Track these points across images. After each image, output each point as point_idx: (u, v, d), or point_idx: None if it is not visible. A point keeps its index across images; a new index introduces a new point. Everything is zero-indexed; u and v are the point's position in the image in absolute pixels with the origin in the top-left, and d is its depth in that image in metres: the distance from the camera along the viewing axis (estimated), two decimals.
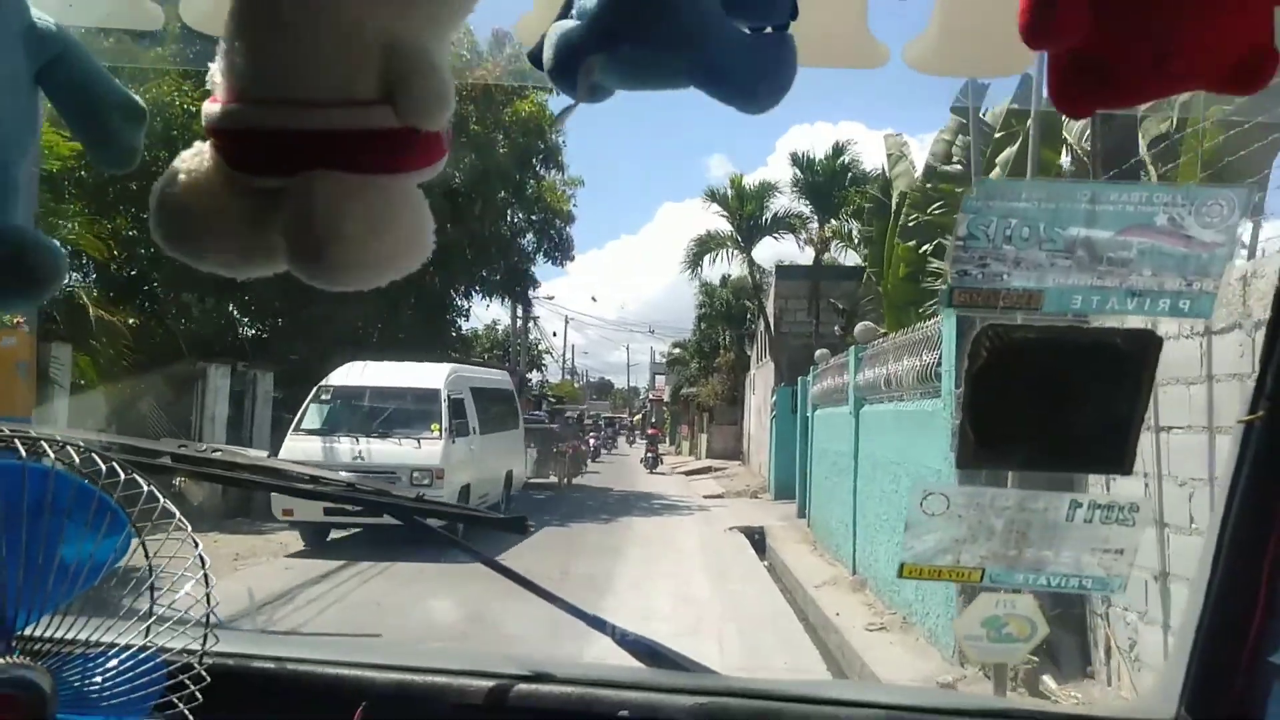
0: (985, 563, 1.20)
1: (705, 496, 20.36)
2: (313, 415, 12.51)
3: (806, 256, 25.03)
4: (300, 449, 11.11)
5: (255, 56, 0.85)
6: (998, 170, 10.18)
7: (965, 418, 1.15)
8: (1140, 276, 1.09)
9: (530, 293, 26.78)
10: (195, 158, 0.89)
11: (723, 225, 25.95)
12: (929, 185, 12.36)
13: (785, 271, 25.33)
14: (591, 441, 32.86)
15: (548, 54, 0.90)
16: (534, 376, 49.36)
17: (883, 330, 10.71)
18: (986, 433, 1.14)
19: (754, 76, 0.86)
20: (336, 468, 7.21)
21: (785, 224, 24.83)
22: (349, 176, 0.84)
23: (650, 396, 66.14)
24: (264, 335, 18.34)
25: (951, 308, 1.11)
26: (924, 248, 11.83)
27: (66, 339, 10.63)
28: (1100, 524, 1.18)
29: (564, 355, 62.80)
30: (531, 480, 19.76)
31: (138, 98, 1.07)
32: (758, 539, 13.07)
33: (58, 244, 1.02)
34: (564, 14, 0.92)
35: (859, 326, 11.27)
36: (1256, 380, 1.00)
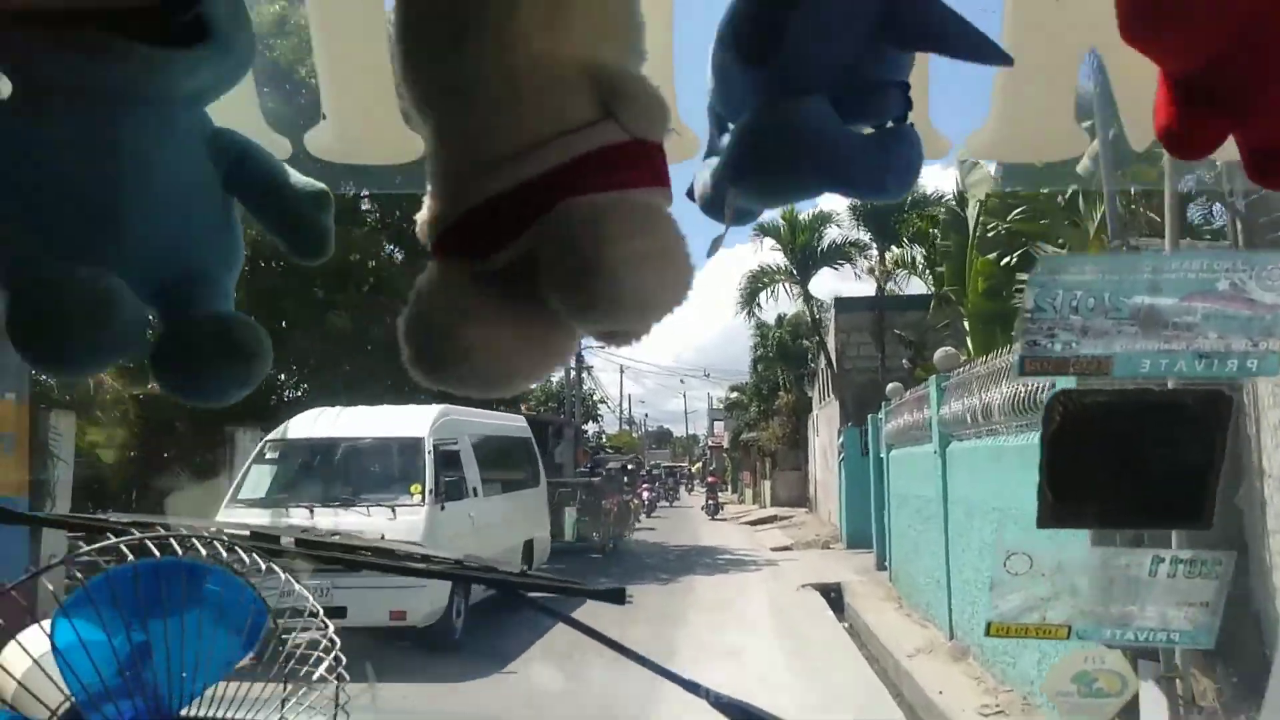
0: (1072, 619, 1.23)
1: (773, 549, 18.86)
2: (256, 479, 9.69)
3: (866, 288, 23.51)
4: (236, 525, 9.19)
5: (456, 141, 0.84)
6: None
7: (1043, 479, 1.19)
8: (1207, 339, 1.13)
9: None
10: (429, 271, 0.88)
11: (777, 258, 24.66)
12: (1009, 191, 11.01)
13: (845, 304, 23.67)
14: (645, 494, 30.28)
15: (697, 191, 0.99)
16: (589, 427, 47.05)
17: (964, 357, 9.92)
18: (1065, 493, 1.19)
19: (880, 173, 0.91)
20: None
21: (843, 253, 23.44)
22: (598, 196, 0.80)
23: (709, 443, 63.81)
24: (302, 395, 16.35)
25: (1023, 375, 1.16)
26: (1006, 259, 10.87)
27: (68, 407, 9.69)
28: (1184, 578, 1.21)
29: (620, 404, 60.82)
30: (577, 541, 17.96)
31: (322, 185, 1.09)
32: (834, 597, 11.85)
33: (258, 324, 1.04)
34: (709, 151, 1.00)
35: (939, 353, 10.25)
36: None
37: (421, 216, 0.91)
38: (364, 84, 1.22)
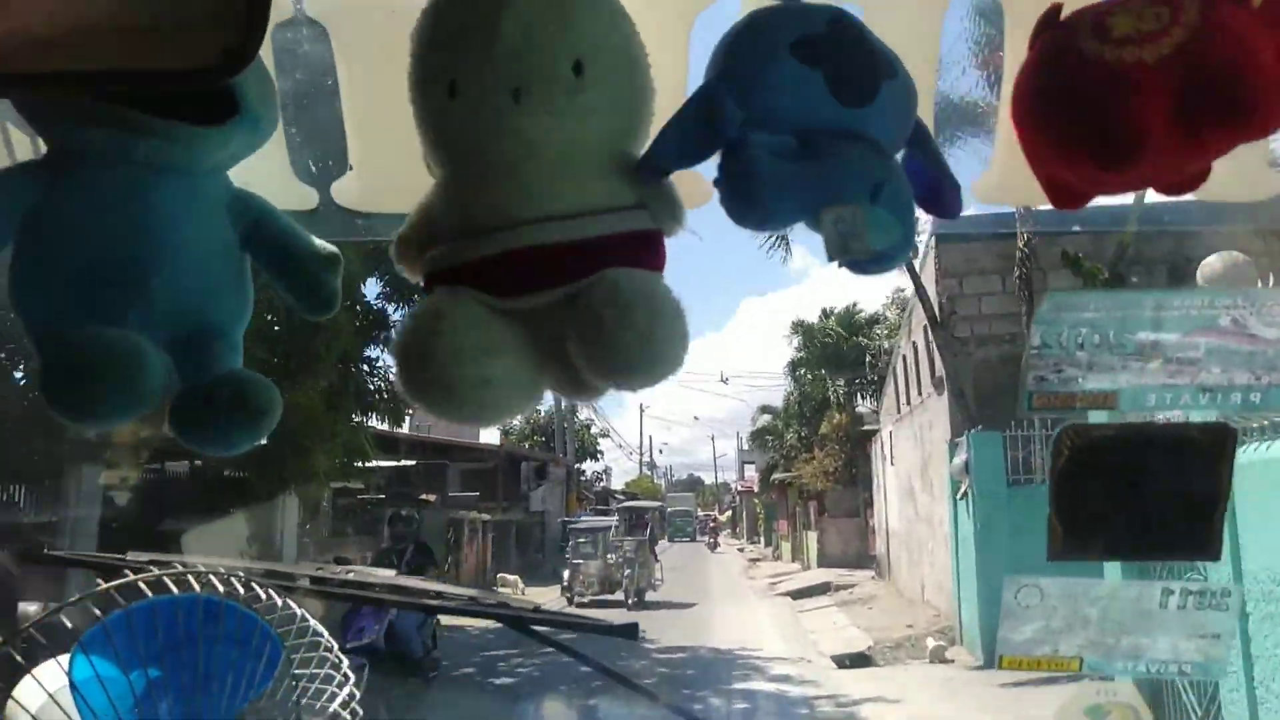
0: (1082, 652, 1.24)
1: (841, 657, 10.32)
2: None
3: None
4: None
5: (499, 183, 0.92)
6: None
7: (1052, 513, 1.21)
8: (1210, 374, 1.15)
9: None
10: (443, 299, 0.93)
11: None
12: None
13: (954, 236, 13.04)
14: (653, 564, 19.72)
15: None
16: (589, 466, 41.78)
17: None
18: (1075, 526, 1.20)
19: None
20: None
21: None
22: (637, 271, 0.92)
23: (739, 488, 57.55)
24: None
25: (1031, 411, 1.18)
26: None
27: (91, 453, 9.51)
28: (1195, 610, 1.21)
29: (641, 447, 54.98)
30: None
31: (332, 246, 1.15)
32: None
33: (271, 382, 1.09)
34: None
35: (1212, 261, 5.51)
36: None
37: (408, 237, 0.98)
38: (391, 135, 1.24)
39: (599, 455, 44.30)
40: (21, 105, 1.01)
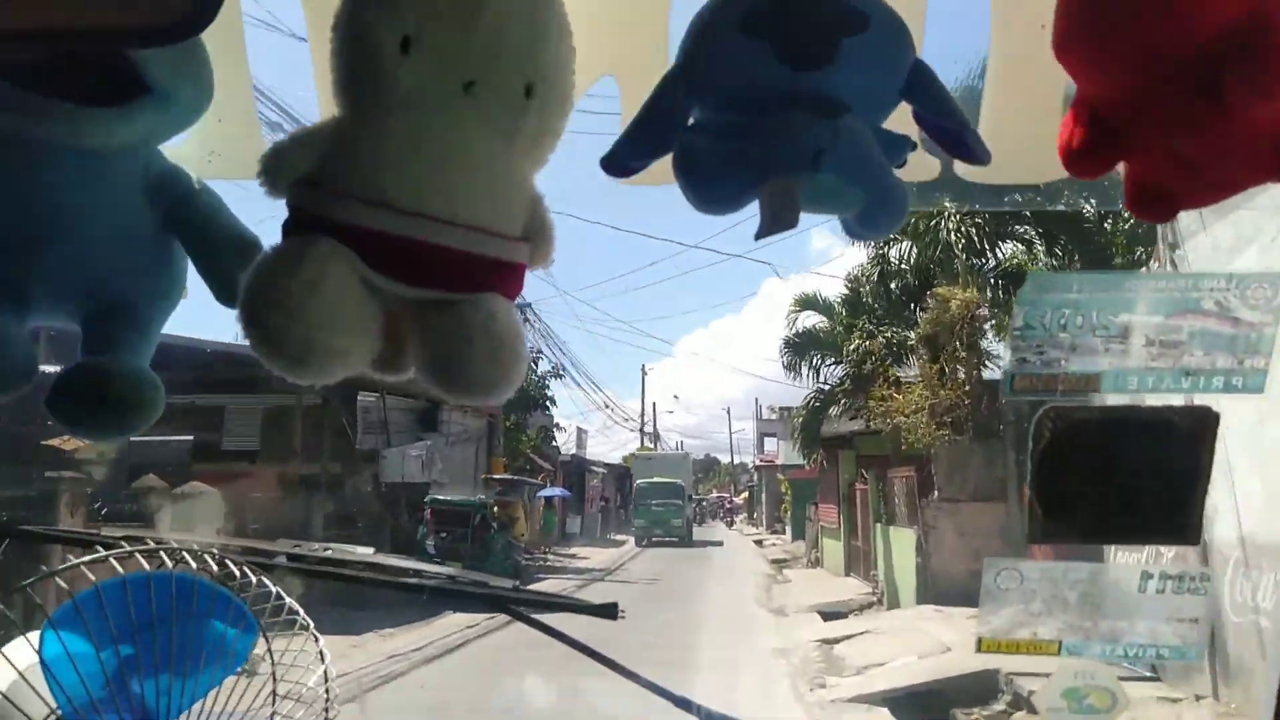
0: (1061, 635, 1.24)
1: None
2: None
3: None
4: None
5: (426, 171, 0.92)
6: None
7: (1032, 495, 1.20)
8: (1193, 356, 1.15)
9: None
10: (327, 258, 0.90)
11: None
12: None
13: None
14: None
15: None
16: (558, 428, 29.16)
17: None
18: (1054, 509, 1.20)
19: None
20: None
21: None
22: (507, 303, 0.96)
23: (758, 461, 46.00)
24: None
25: (1012, 394, 1.17)
26: None
27: None
28: (1173, 594, 1.22)
29: (643, 415, 44.91)
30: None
31: (255, 237, 1.13)
32: None
33: (155, 377, 1.08)
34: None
35: None
36: None
37: (290, 156, 0.94)
38: None
39: (548, 405, 28.25)
40: None
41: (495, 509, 17.07)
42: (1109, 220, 11.65)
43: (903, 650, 9.33)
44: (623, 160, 1.07)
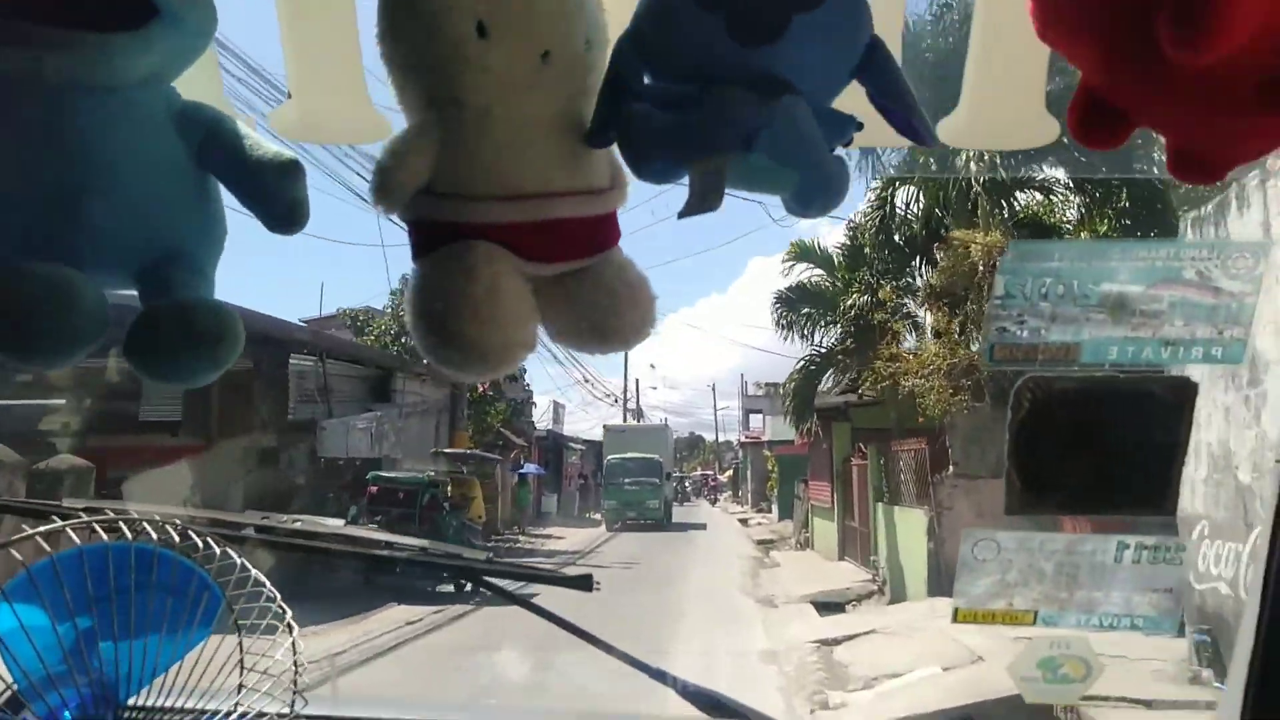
0: (1037, 605, 1.24)
1: None
2: None
3: None
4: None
5: (538, 151, 0.95)
6: None
7: (1010, 466, 1.20)
8: (1173, 326, 1.14)
9: None
10: (493, 260, 0.93)
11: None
12: None
13: None
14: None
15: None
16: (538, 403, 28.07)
17: None
18: (1031, 480, 1.19)
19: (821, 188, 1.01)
20: None
21: None
22: (620, 250, 1.01)
23: (742, 438, 44.43)
24: None
25: (992, 363, 1.16)
26: None
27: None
28: (1148, 564, 1.22)
29: (625, 390, 42.72)
30: None
31: (291, 153, 1.08)
32: None
33: (233, 309, 1.03)
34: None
35: None
36: None
37: (397, 174, 0.93)
38: (330, 63, 1.19)
39: (517, 375, 26.35)
40: None
41: (449, 487, 15.33)
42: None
43: (920, 658, 7.46)
44: (597, 133, 1.04)
